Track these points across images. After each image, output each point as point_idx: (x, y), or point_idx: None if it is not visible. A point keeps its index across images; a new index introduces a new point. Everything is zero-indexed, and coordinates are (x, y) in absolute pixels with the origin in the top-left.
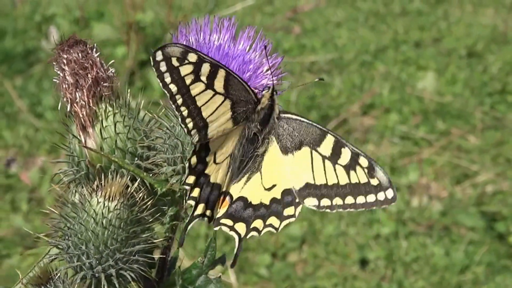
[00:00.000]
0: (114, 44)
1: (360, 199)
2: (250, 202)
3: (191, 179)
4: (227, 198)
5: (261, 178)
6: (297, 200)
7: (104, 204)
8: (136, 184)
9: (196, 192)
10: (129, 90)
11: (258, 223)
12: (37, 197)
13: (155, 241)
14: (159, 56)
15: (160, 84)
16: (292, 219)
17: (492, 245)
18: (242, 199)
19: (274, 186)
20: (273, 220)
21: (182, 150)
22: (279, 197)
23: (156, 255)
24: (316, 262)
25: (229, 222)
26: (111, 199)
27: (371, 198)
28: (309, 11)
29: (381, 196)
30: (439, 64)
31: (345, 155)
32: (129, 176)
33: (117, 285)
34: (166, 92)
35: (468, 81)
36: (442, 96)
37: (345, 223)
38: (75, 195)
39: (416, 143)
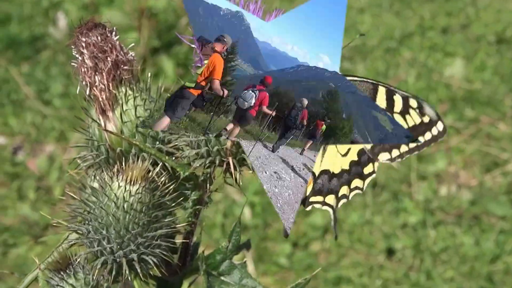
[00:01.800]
0: (125, 31)
1: (420, 140)
2: (333, 172)
3: None
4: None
5: (336, 147)
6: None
7: (125, 188)
8: (158, 168)
9: None
10: (149, 74)
11: (344, 190)
12: (45, 186)
13: (177, 226)
14: None
15: None
16: (374, 176)
17: None
18: (325, 172)
19: (349, 150)
20: (356, 181)
21: None
22: (356, 158)
23: (178, 240)
24: (340, 252)
25: (319, 198)
26: (132, 183)
27: (428, 135)
28: None
29: (434, 131)
30: (468, 50)
31: (398, 102)
32: (150, 160)
33: (139, 270)
34: None
35: (497, 68)
36: (471, 83)
37: (370, 212)
38: (94, 180)
39: None
